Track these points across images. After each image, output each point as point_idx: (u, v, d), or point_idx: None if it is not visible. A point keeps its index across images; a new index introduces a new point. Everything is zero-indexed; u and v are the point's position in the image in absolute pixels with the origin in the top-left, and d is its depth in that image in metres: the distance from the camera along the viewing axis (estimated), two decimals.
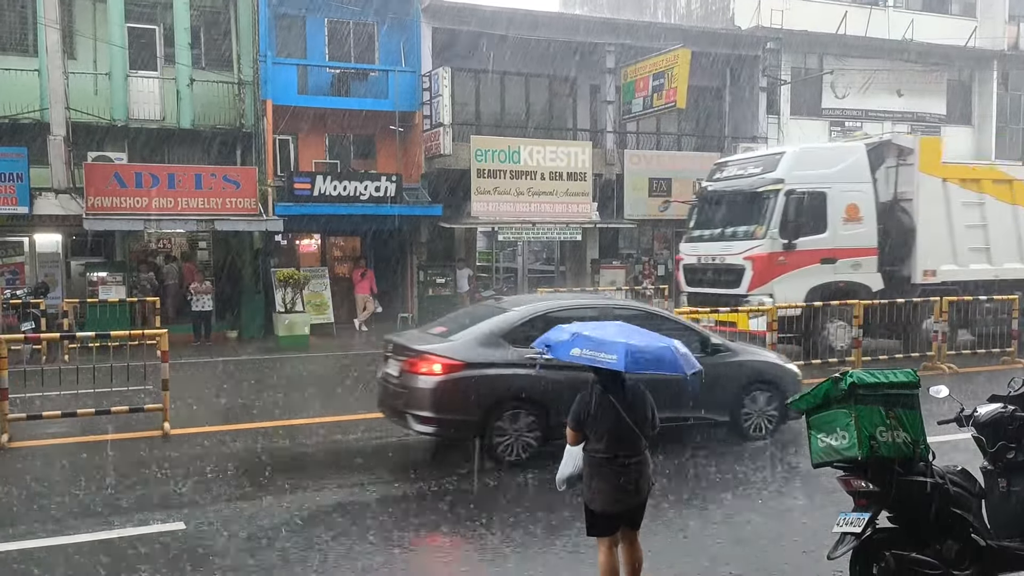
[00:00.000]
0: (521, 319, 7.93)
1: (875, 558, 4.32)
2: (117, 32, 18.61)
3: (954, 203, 14.56)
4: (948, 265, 14.49)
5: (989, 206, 14.84)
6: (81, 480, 7.37)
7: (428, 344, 7.88)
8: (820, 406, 4.33)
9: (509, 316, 8.03)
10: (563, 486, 4.72)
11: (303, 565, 5.46)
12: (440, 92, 19.81)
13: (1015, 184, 15.23)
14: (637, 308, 9.04)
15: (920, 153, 14.44)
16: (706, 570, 5.41)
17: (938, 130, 27.48)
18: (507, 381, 7.59)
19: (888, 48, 25.96)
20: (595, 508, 4.51)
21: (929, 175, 14.42)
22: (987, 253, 14.84)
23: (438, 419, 7.60)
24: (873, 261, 14.09)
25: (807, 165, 14.02)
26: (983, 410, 4.69)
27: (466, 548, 5.96)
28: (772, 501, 6.89)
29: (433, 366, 7.55)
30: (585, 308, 8.12)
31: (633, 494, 4.53)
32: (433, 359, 7.59)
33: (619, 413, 4.45)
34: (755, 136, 24.11)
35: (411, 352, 7.82)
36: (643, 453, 4.56)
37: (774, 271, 13.48)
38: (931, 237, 14.37)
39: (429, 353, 7.66)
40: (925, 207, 14.36)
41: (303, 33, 20.93)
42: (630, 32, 22.97)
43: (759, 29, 24.39)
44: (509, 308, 8.29)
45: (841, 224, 13.80)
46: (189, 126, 19.32)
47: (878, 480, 4.21)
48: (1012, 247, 15.08)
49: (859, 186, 14.04)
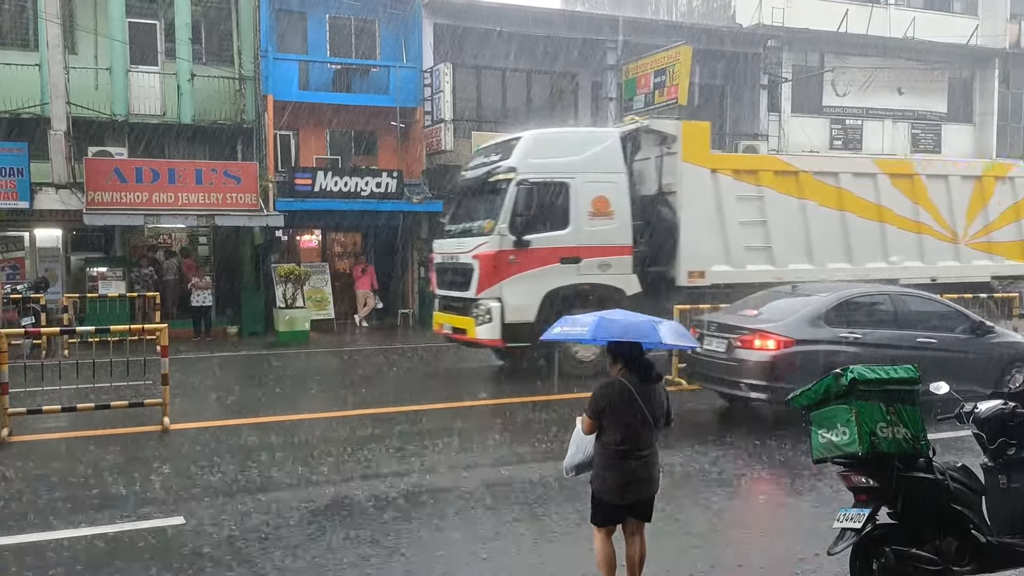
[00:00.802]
0: (834, 302, 9.31)
1: (875, 554, 4.32)
2: (118, 27, 18.61)
3: (726, 197, 12.90)
4: (720, 266, 12.86)
5: (770, 200, 13.19)
6: (80, 475, 7.37)
7: (759, 324, 9.21)
8: (820, 402, 4.34)
9: (823, 300, 9.38)
10: (571, 473, 4.75)
11: (305, 559, 5.47)
12: (441, 88, 19.81)
13: (802, 176, 13.52)
14: (919, 293, 10.22)
15: (683, 141, 12.77)
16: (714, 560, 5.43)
17: (939, 128, 27.57)
18: (827, 356, 8.59)
19: (889, 46, 25.93)
20: (607, 499, 4.53)
21: (694, 165, 12.76)
22: (768, 253, 13.16)
23: (771, 387, 8.68)
24: (627, 261, 12.39)
25: (547, 152, 12.26)
26: (983, 407, 4.68)
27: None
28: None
29: (768, 342, 8.92)
30: (877, 294, 9.89)
31: (646, 486, 4.56)
32: (769, 336, 8.96)
33: (640, 405, 4.47)
34: (756, 134, 24.11)
35: (745, 331, 9.17)
36: (655, 445, 4.60)
37: (503, 272, 11.78)
38: (698, 235, 12.71)
39: (765, 331, 9.01)
40: (690, 201, 12.72)
41: (304, 28, 20.92)
42: (632, 29, 22.96)
43: (760, 27, 24.37)
44: (814, 294, 9.70)
45: (587, 219, 12.13)
46: (190, 121, 19.32)
47: (878, 476, 4.22)
48: (799, 247, 13.38)
49: (610, 177, 12.36)
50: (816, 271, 13.19)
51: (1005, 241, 15.23)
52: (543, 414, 10.02)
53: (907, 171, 14.61)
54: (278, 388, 12.13)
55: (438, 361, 14.78)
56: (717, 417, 10.10)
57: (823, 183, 13.65)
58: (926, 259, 14.33)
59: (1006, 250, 15.26)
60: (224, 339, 17.76)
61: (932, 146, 27.53)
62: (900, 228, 14.18)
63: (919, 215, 14.32)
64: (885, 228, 14.04)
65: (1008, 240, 15.26)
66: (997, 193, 15.12)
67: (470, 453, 8.29)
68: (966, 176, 14.99)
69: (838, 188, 13.71)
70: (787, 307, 9.51)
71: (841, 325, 9.08)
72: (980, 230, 14.92)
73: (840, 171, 13.95)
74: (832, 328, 9.03)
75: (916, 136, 27.32)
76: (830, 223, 13.60)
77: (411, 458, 7.96)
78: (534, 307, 11.79)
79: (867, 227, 13.88)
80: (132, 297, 17.08)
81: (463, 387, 12.32)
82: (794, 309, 9.36)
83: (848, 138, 26.31)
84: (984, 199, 14.96)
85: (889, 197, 14.08)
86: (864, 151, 26.38)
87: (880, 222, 14.00)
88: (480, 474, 7.42)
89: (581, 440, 4.66)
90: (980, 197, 14.92)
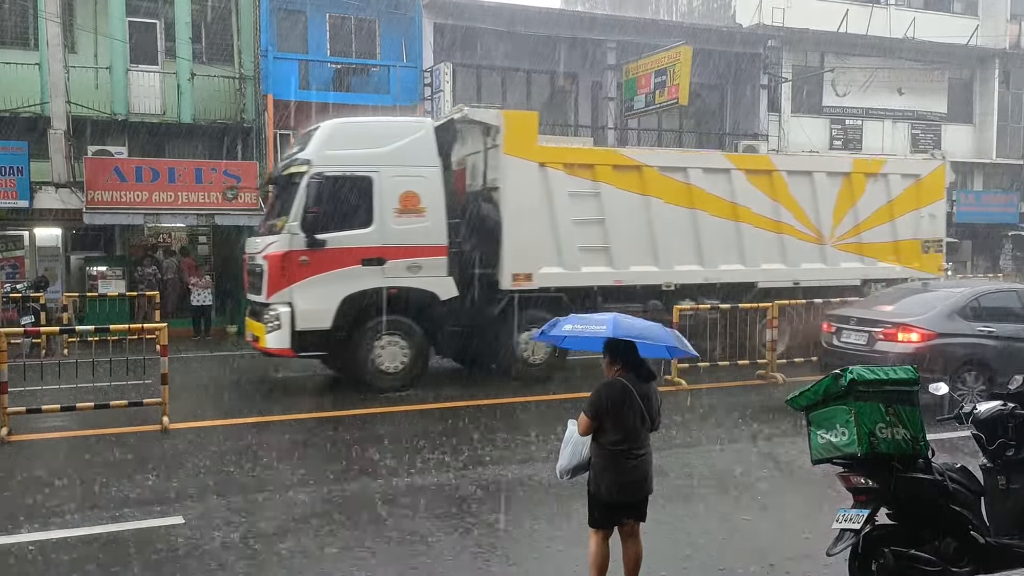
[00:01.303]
0: (970, 298, 10.04)
1: (874, 555, 4.32)
2: (118, 26, 18.61)
3: (558, 193, 11.90)
4: (551, 268, 11.90)
5: (609, 197, 12.21)
6: (79, 474, 7.37)
7: (901, 318, 9.94)
8: (819, 403, 4.35)
9: (960, 295, 10.13)
10: (566, 476, 4.72)
11: (304, 558, 5.47)
12: (441, 88, 19.80)
13: (646, 171, 12.53)
14: None
15: (505, 132, 11.65)
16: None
17: (939, 128, 27.57)
18: (965, 348, 9.65)
19: (889, 46, 25.92)
20: (606, 500, 4.53)
21: (519, 158, 11.68)
22: (607, 254, 12.27)
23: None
24: (441, 262, 11.36)
25: (347, 144, 11.25)
26: (983, 407, 4.69)
27: None
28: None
29: (911, 335, 9.68)
30: (1008, 290, 10.71)
31: (643, 485, 4.58)
32: (912, 329, 9.72)
33: (640, 405, 4.49)
34: (756, 134, 24.10)
35: (888, 324, 9.93)
36: (649, 445, 4.61)
37: (294, 274, 10.70)
38: (524, 234, 11.69)
39: (908, 325, 9.77)
40: (514, 197, 11.67)
41: (304, 28, 20.90)
42: (632, 29, 22.95)
43: (760, 27, 24.36)
44: (946, 290, 10.57)
45: (393, 217, 11.07)
46: (190, 120, 19.32)
47: (877, 477, 4.22)
48: (642, 247, 12.48)
49: (421, 171, 11.27)
50: (662, 273, 12.58)
51: (877, 242, 14.22)
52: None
53: (765, 167, 13.66)
54: (278, 387, 12.14)
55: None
56: (723, 414, 10.10)
57: (670, 179, 12.69)
58: (788, 261, 13.46)
59: (878, 252, 14.26)
60: (224, 338, 17.75)
61: (932, 146, 27.51)
62: (758, 228, 13.23)
63: (780, 214, 13.40)
64: (741, 227, 13.12)
65: (881, 241, 14.26)
66: (868, 191, 14.14)
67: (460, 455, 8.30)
68: (833, 173, 14.03)
69: (687, 184, 12.78)
70: (924, 302, 10.27)
71: (976, 319, 9.89)
72: (849, 231, 13.96)
73: (689, 166, 13.00)
74: (968, 322, 9.83)
75: (916, 136, 27.32)
76: (678, 222, 12.70)
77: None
78: (330, 313, 10.76)
79: (721, 226, 12.98)
80: (132, 296, 17.09)
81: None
82: (932, 304, 10.12)
83: (848, 138, 26.31)
84: (853, 197, 13.99)
85: (745, 194, 13.13)
86: (864, 151, 26.37)
87: (736, 221, 13.09)
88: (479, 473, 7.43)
89: (577, 442, 4.64)
90: (848, 195, 13.96)
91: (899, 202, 14.40)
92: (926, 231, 14.75)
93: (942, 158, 15.28)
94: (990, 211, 27.45)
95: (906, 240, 14.52)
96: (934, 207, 14.90)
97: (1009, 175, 28.95)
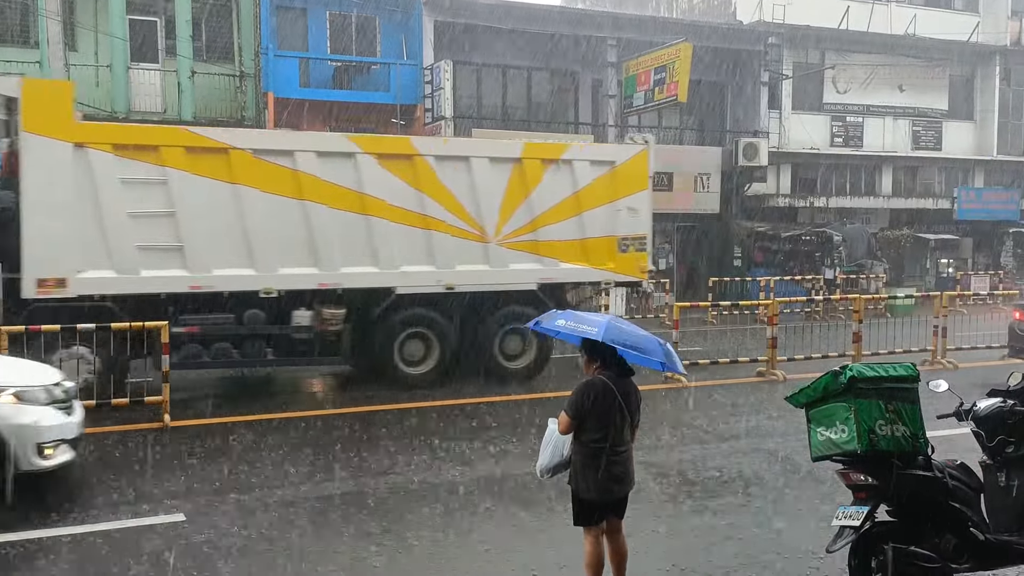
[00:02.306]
0: None
1: (873, 551, 4.33)
2: (118, 24, 18.60)
3: (106, 180, 9.90)
4: (97, 271, 9.86)
5: (181, 186, 10.19)
6: (80, 471, 7.38)
7: None
8: (819, 400, 4.35)
9: None
10: (547, 475, 4.72)
11: (306, 554, 5.49)
12: (442, 85, 19.80)
13: (234, 155, 10.49)
14: None
15: (24, 105, 9.71)
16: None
17: (940, 125, 27.55)
18: None
19: (890, 43, 25.91)
20: (589, 497, 4.53)
21: (46, 136, 9.65)
22: (181, 254, 10.21)
23: None
24: None
25: None
26: (982, 404, 4.69)
27: None
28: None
29: None
30: None
31: (625, 483, 4.61)
32: None
33: (621, 403, 4.49)
34: (757, 131, 24.09)
35: None
36: (629, 442, 4.63)
37: None
38: (53, 229, 9.64)
39: None
40: (37, 184, 9.65)
41: (305, 25, 20.89)
42: (632, 26, 22.97)
43: (761, 24, 24.34)
44: None
45: None
46: (190, 118, 19.27)
47: (877, 474, 4.23)
48: (234, 246, 10.45)
49: None
50: (261, 278, 10.53)
51: (559, 240, 12.03)
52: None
53: (405, 151, 11.48)
54: (280, 384, 12.16)
55: None
56: (728, 412, 10.12)
57: (271, 164, 10.61)
58: (439, 262, 11.37)
59: (560, 251, 12.05)
60: None
61: (933, 143, 27.52)
62: (396, 223, 11.14)
63: (426, 207, 11.24)
64: (372, 222, 11.03)
65: (564, 239, 12.06)
66: (547, 181, 11.96)
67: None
68: (498, 159, 11.80)
69: (295, 171, 10.69)
70: None
71: None
72: (522, 227, 11.82)
73: (297, 149, 10.91)
74: None
75: (917, 133, 27.30)
76: (283, 216, 10.62)
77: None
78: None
79: (343, 221, 10.91)
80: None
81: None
82: None
83: (849, 135, 26.30)
84: (526, 188, 11.81)
85: (378, 183, 11.04)
86: (865, 148, 26.40)
87: (365, 215, 10.99)
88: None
89: (558, 441, 4.62)
90: (520, 185, 11.80)
91: (588, 193, 12.18)
92: (625, 227, 12.44)
93: (644, 142, 12.97)
94: (991, 208, 27.47)
95: (598, 237, 12.24)
96: (635, 199, 12.50)
97: (1010, 172, 28.92)
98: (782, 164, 25.33)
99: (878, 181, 27.12)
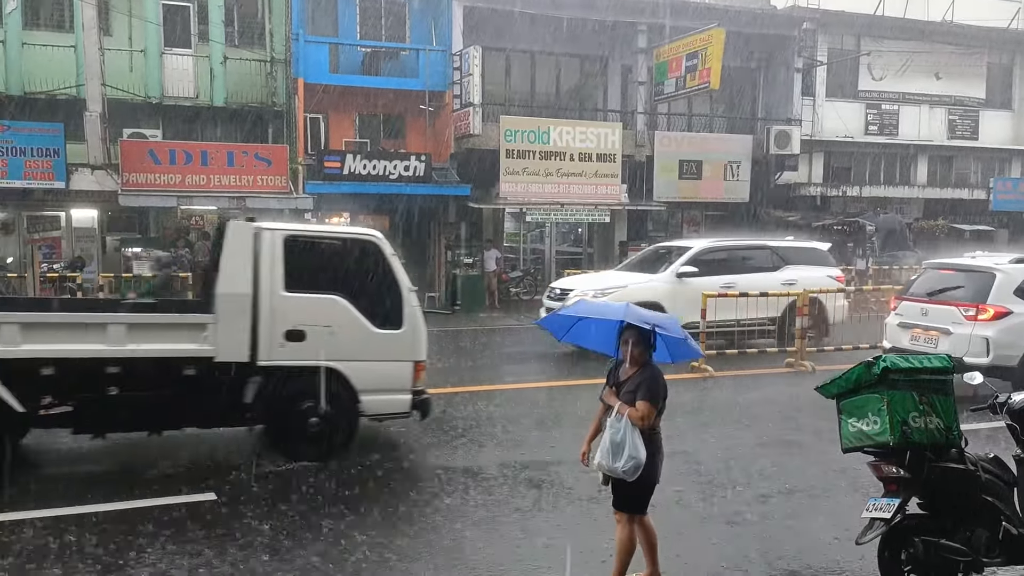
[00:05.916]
0: None
1: (904, 544, 4.30)
2: (152, 9, 18.78)
3: None
4: None
5: None
6: (111, 452, 7.50)
7: None
8: (851, 391, 4.31)
9: None
10: (637, 473, 4.42)
11: (334, 535, 5.55)
12: (470, 71, 19.76)
13: None
14: None
15: None
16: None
17: (976, 114, 27.01)
18: None
19: (927, 30, 25.42)
20: (654, 483, 4.60)
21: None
22: None
23: None
24: None
25: None
26: (1017, 398, 4.62)
27: None
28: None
29: None
30: None
31: None
32: None
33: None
34: (790, 119, 23.79)
35: None
36: None
37: None
38: None
39: None
40: None
41: (335, 11, 20.94)
42: (663, 11, 22.68)
43: (795, 9, 24.01)
44: None
45: None
46: (222, 104, 19.48)
47: (909, 466, 4.19)
48: None
49: None
50: None
51: None
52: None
53: None
54: None
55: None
56: (744, 404, 10.05)
57: None
58: None
59: None
60: None
61: (970, 132, 27.00)
62: None
63: None
64: None
65: None
66: None
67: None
68: None
69: None
70: None
71: None
72: None
73: None
74: None
75: (953, 122, 26.80)
76: None
77: (461, 437, 8.03)
78: None
79: None
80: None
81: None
82: None
83: (884, 123, 25.89)
84: None
85: None
86: (900, 137, 25.97)
87: None
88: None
89: (636, 435, 4.43)
90: None
91: None
92: None
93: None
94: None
95: None
96: None
97: None
98: (815, 152, 24.99)
99: (913, 170, 26.68)
